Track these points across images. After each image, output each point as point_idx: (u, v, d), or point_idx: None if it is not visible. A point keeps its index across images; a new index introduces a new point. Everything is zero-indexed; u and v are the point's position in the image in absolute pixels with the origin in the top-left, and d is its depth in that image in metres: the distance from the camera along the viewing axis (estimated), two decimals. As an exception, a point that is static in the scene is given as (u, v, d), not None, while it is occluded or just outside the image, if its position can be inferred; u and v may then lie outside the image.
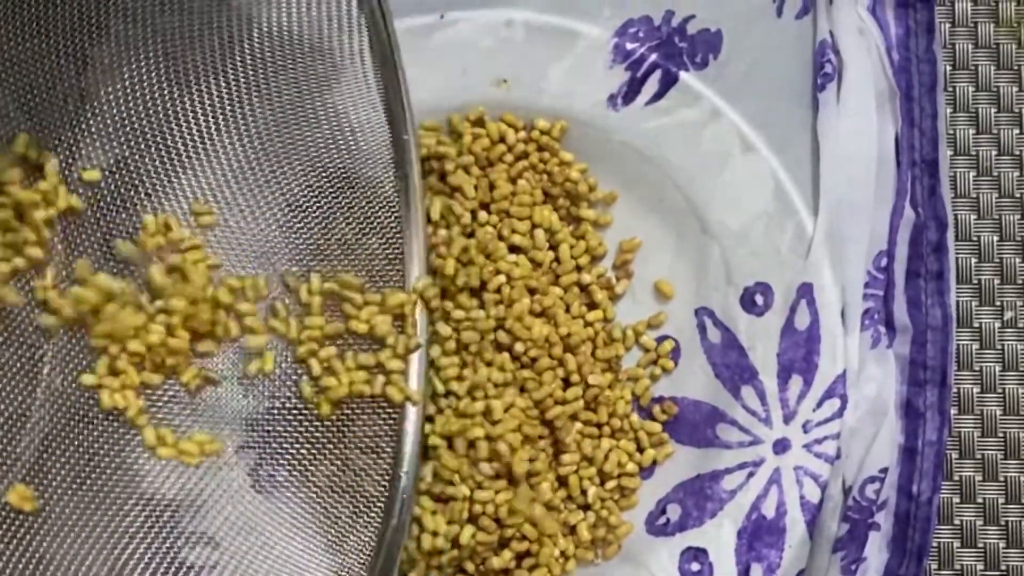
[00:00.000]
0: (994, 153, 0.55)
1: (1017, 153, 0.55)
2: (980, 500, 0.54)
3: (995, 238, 0.55)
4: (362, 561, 0.48)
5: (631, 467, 0.53)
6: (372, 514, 0.49)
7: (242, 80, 0.49)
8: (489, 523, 0.51)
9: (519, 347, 0.52)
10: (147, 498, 0.48)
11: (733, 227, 0.53)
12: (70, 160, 0.48)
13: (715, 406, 0.53)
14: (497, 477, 0.51)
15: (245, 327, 0.50)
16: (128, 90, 0.48)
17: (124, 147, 0.48)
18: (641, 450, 0.54)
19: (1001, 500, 0.54)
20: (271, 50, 0.49)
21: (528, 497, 0.50)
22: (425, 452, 0.51)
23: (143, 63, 0.48)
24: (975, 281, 0.55)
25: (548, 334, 0.52)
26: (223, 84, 0.49)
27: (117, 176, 0.49)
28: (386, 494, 0.48)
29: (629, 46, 0.53)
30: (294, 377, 0.50)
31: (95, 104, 0.48)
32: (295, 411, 0.50)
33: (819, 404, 0.52)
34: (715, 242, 0.53)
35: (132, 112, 0.48)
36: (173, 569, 0.48)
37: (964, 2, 0.56)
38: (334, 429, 0.49)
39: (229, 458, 0.49)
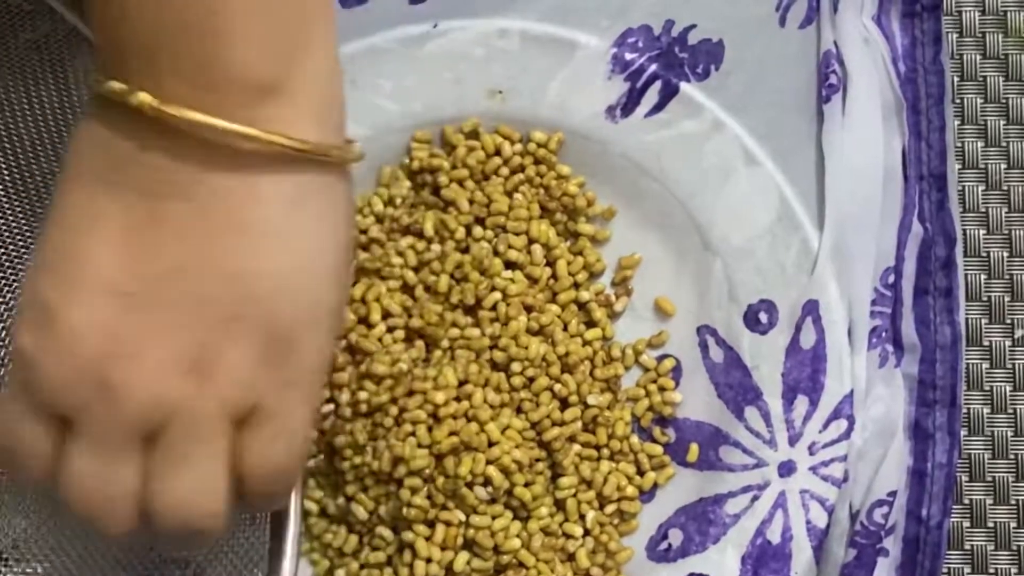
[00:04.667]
0: (1003, 166, 0.55)
1: (1027, 166, 0.55)
2: (991, 524, 0.54)
3: (1005, 254, 0.54)
4: None
5: (631, 490, 0.52)
6: None
7: None
8: (485, 549, 0.50)
9: (515, 367, 0.51)
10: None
11: (736, 243, 0.52)
12: None
13: (718, 427, 0.52)
14: (493, 502, 0.50)
15: None
16: None
17: None
18: (641, 473, 0.53)
19: (1013, 524, 0.54)
20: None
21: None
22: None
23: None
24: (985, 298, 0.54)
25: (545, 353, 0.51)
26: None
27: None
28: None
29: (628, 56, 0.52)
30: None
31: None
32: None
33: (825, 425, 0.52)
34: (717, 258, 0.52)
35: None
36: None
37: (972, 12, 0.55)
38: None
39: None
